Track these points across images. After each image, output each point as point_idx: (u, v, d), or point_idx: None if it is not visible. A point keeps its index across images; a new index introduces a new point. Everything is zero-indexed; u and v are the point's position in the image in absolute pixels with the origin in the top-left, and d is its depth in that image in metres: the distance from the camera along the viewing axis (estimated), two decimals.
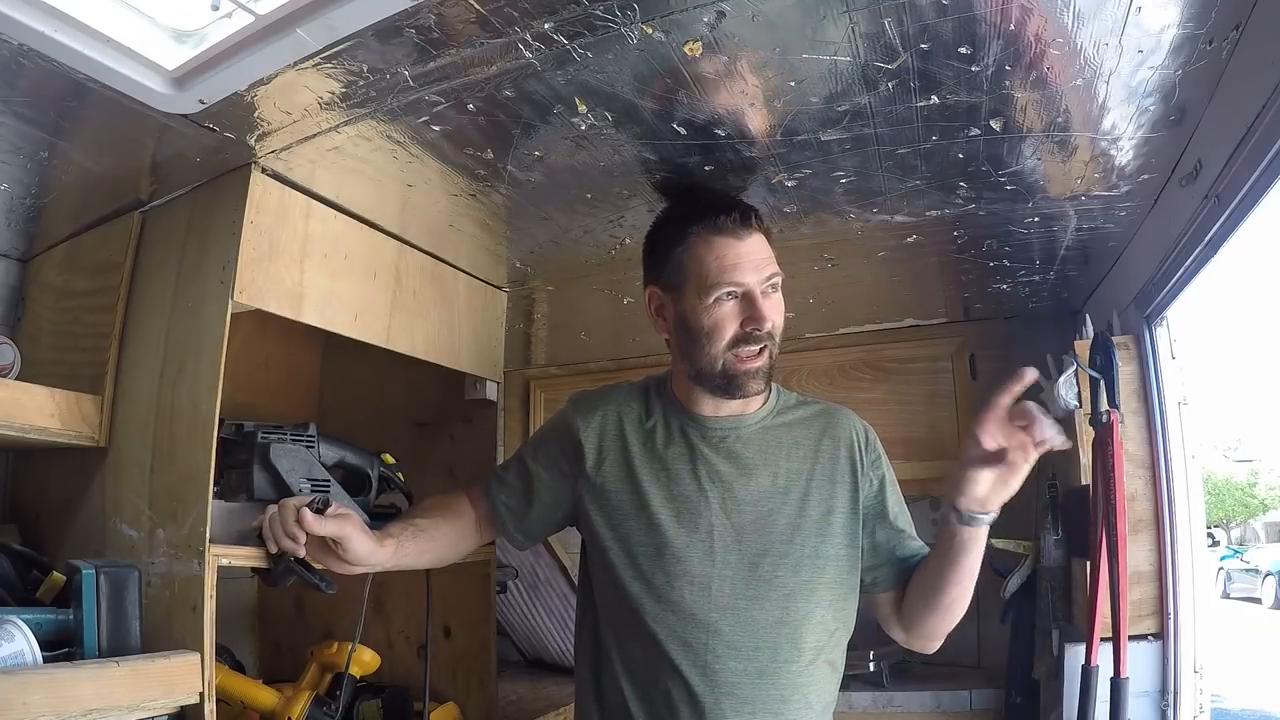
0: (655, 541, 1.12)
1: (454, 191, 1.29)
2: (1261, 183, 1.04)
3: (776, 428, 1.19)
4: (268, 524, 1.08)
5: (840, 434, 1.21)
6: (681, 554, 1.11)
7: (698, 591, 1.09)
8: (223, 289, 1.12)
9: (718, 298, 1.12)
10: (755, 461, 1.16)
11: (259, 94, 1.00)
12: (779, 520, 1.13)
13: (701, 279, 1.13)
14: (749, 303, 1.12)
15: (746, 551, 1.11)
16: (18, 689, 0.86)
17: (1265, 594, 11.97)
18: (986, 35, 0.92)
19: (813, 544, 1.13)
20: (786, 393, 1.25)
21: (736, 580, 1.10)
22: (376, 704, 1.50)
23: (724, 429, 1.18)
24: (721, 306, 1.12)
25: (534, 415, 2.53)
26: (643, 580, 1.12)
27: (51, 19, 0.87)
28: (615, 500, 1.17)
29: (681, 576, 1.10)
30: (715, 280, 1.12)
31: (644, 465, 1.17)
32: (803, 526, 1.13)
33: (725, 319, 1.12)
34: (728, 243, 1.12)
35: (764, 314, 1.11)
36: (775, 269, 1.15)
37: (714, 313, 1.12)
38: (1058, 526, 1.79)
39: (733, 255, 1.12)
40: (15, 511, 1.41)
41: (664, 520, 1.13)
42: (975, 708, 1.87)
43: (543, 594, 2.14)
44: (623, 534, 1.15)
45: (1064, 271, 1.76)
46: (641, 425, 1.20)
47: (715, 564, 1.10)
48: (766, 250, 1.15)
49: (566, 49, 0.91)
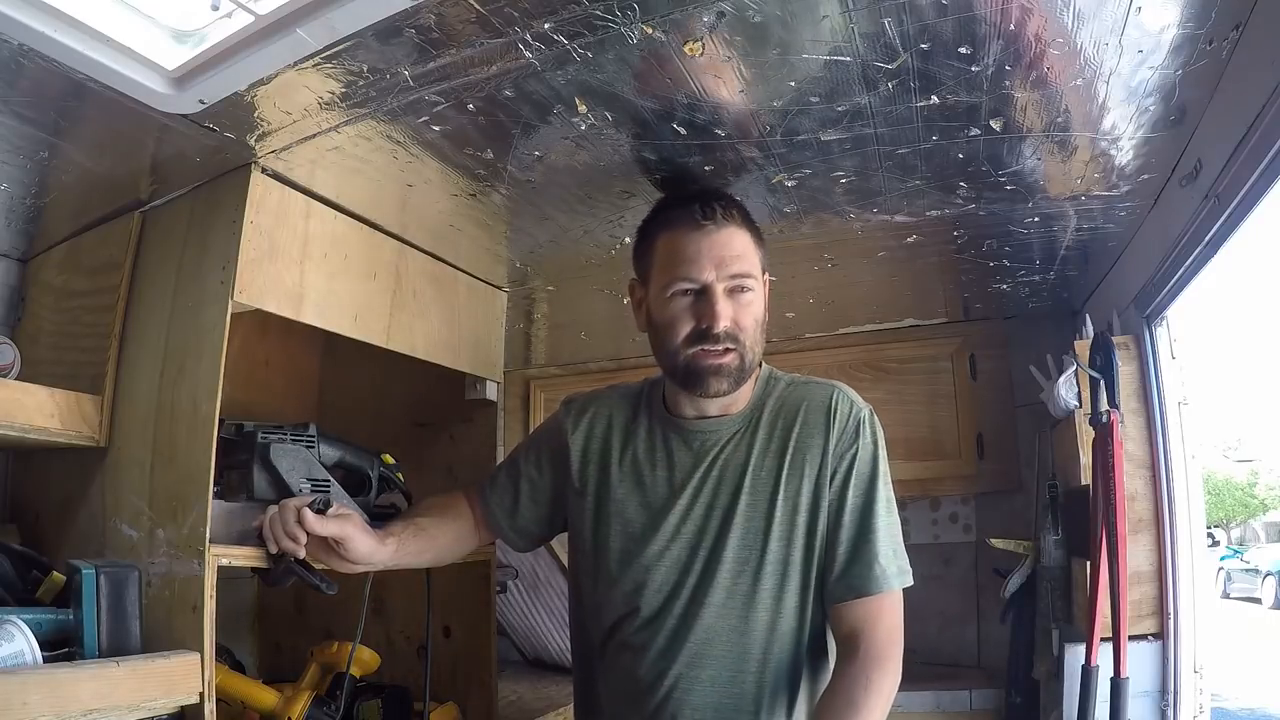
0: (627, 548, 1.12)
1: (454, 191, 1.29)
2: (1261, 183, 1.04)
3: (755, 424, 1.13)
4: (268, 524, 1.08)
5: (813, 418, 1.11)
6: (651, 562, 1.10)
7: (663, 600, 1.09)
8: (223, 289, 1.12)
9: (673, 292, 1.08)
10: (728, 465, 1.11)
11: (259, 94, 0.99)
12: (747, 529, 1.08)
13: (660, 272, 1.10)
14: (703, 299, 1.06)
15: (714, 560, 1.08)
16: (18, 689, 0.85)
17: (1265, 594, 11.96)
18: (986, 35, 0.92)
19: (779, 550, 1.07)
20: (778, 376, 1.18)
21: (704, 588, 1.08)
22: (376, 704, 1.50)
23: (704, 432, 1.13)
24: (676, 302, 1.08)
25: (534, 415, 2.53)
26: (615, 586, 1.12)
27: (51, 19, 0.87)
28: (594, 504, 1.16)
29: (649, 585, 1.09)
30: (672, 274, 1.08)
31: (623, 471, 1.15)
32: (770, 533, 1.07)
33: (679, 315, 1.07)
34: (686, 235, 1.07)
35: (717, 312, 1.05)
36: (745, 268, 1.07)
37: (669, 308, 1.08)
38: (1058, 526, 1.79)
39: (691, 249, 1.07)
40: (15, 511, 1.40)
41: (636, 527, 1.12)
42: (975, 708, 1.87)
43: (543, 594, 2.13)
44: (599, 538, 1.14)
45: (1064, 271, 1.76)
46: (627, 430, 1.19)
47: (683, 572, 1.09)
48: (739, 247, 1.08)
49: (566, 49, 0.91)
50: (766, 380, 1.17)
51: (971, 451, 2.10)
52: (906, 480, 2.09)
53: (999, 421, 2.10)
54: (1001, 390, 2.11)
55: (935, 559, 2.26)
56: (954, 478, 2.13)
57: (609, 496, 1.15)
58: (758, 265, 1.11)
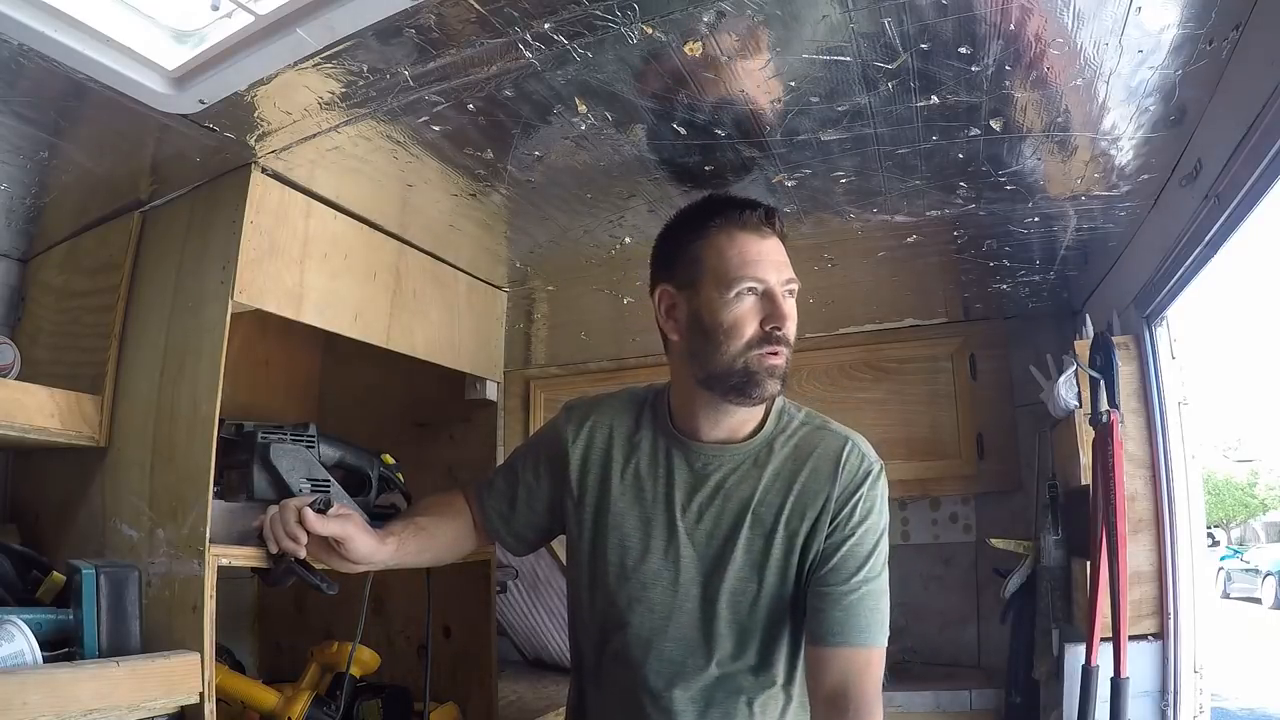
0: (623, 563, 1.11)
1: (454, 191, 1.29)
2: (1261, 183, 1.04)
3: (765, 458, 1.10)
4: (268, 524, 1.08)
5: (823, 466, 1.09)
6: (646, 581, 1.09)
7: (658, 620, 1.08)
8: (223, 289, 1.12)
9: (739, 292, 1.05)
10: (733, 494, 1.09)
11: (259, 94, 0.99)
12: (745, 559, 1.07)
13: (723, 273, 1.06)
14: (770, 301, 1.05)
15: (709, 586, 1.07)
16: (18, 689, 0.85)
17: (1265, 594, 11.95)
18: (986, 35, 0.92)
19: (774, 585, 1.07)
20: (792, 412, 1.15)
21: (696, 614, 1.07)
22: (376, 704, 1.50)
23: (709, 455, 1.11)
24: (743, 301, 1.05)
25: (534, 415, 2.53)
26: (608, 599, 1.11)
27: (51, 19, 0.87)
28: (591, 515, 1.15)
29: (643, 603, 1.09)
30: (738, 274, 1.05)
31: (623, 484, 1.14)
32: (766, 567, 1.06)
33: (746, 315, 1.05)
34: (750, 238, 1.07)
35: (785, 312, 1.05)
36: (793, 275, 1.09)
37: (734, 308, 1.05)
38: (1058, 526, 1.79)
39: (755, 251, 1.06)
40: (15, 511, 1.40)
41: (633, 544, 1.11)
42: (975, 708, 1.87)
43: (543, 594, 2.13)
44: (596, 550, 1.14)
45: (1064, 271, 1.77)
46: (629, 441, 1.16)
47: (678, 595, 1.08)
48: (785, 255, 1.09)
49: (566, 49, 0.91)
50: (779, 414, 1.14)
51: (971, 451, 2.10)
52: (906, 480, 2.09)
53: (999, 421, 2.10)
54: (1001, 390, 2.11)
55: (935, 559, 2.26)
56: (954, 478, 2.13)
57: (608, 508, 1.14)
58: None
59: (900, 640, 1.14)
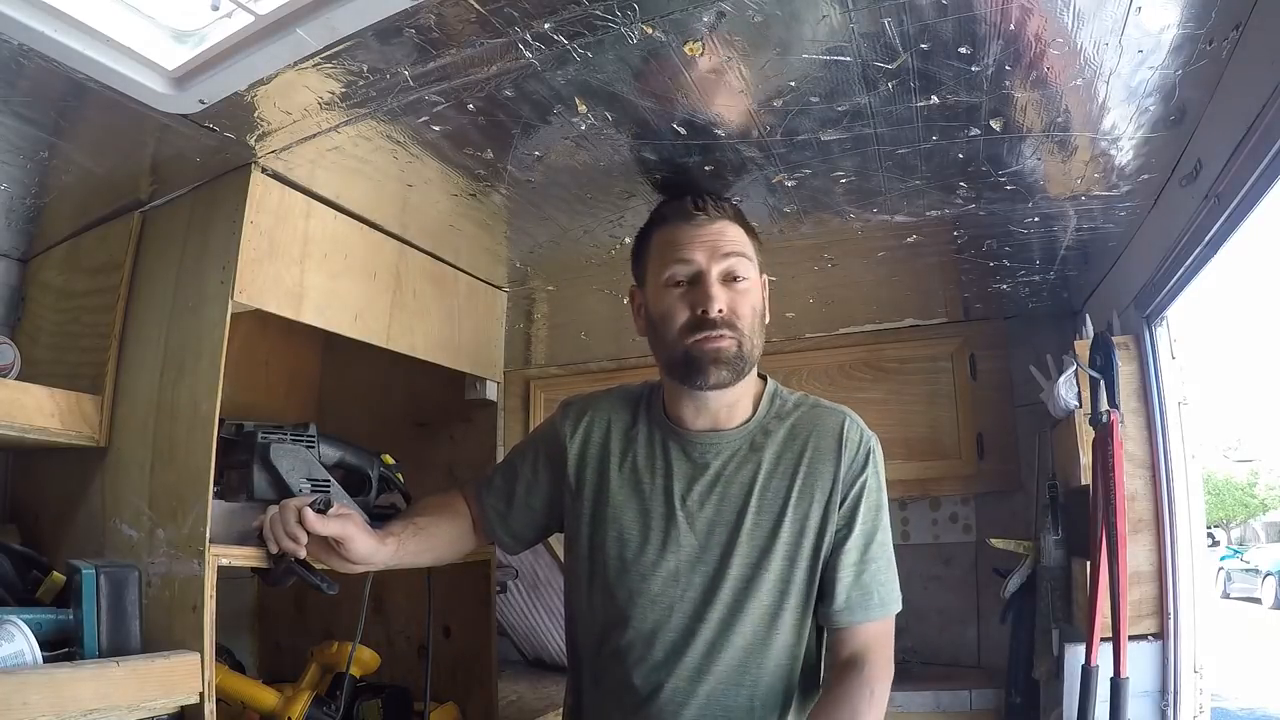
0: (622, 556, 1.11)
1: (454, 191, 1.29)
2: (1261, 183, 1.04)
3: (761, 442, 1.12)
4: (268, 524, 1.08)
5: (825, 444, 1.10)
6: (646, 573, 1.09)
7: (660, 612, 1.08)
8: (223, 289, 1.12)
9: (666, 280, 1.08)
10: (733, 481, 1.10)
11: (259, 94, 0.99)
12: (749, 545, 1.08)
13: (657, 264, 1.11)
14: (698, 287, 1.07)
15: (713, 576, 1.07)
16: (17, 689, 0.85)
17: (1265, 594, 11.95)
18: (986, 35, 0.92)
19: (781, 569, 1.07)
20: (785, 395, 1.17)
21: (700, 604, 1.07)
22: (376, 704, 1.50)
23: (704, 444, 1.12)
24: (671, 292, 1.08)
25: (534, 415, 2.54)
26: (607, 593, 1.12)
27: (51, 19, 0.87)
28: (590, 510, 1.16)
29: (644, 594, 1.09)
30: (665, 262, 1.09)
31: (621, 478, 1.15)
32: (773, 551, 1.07)
33: (676, 303, 1.08)
34: (680, 226, 1.10)
35: (711, 295, 1.05)
36: (739, 257, 1.08)
37: (665, 298, 1.09)
38: (1058, 526, 1.79)
39: (684, 236, 1.09)
40: (15, 511, 1.40)
41: (632, 537, 1.11)
42: (975, 708, 1.87)
43: (543, 594, 2.13)
44: (594, 544, 1.14)
45: (1064, 271, 1.77)
46: (626, 435, 1.17)
47: (679, 585, 1.08)
48: (732, 236, 1.10)
49: (566, 49, 0.91)
50: (772, 398, 1.16)
51: (971, 451, 2.10)
52: (906, 480, 2.09)
53: (999, 421, 2.10)
54: (1001, 390, 2.11)
55: (935, 559, 2.26)
56: (954, 478, 2.13)
57: (607, 502, 1.14)
58: (753, 257, 1.12)
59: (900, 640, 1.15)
